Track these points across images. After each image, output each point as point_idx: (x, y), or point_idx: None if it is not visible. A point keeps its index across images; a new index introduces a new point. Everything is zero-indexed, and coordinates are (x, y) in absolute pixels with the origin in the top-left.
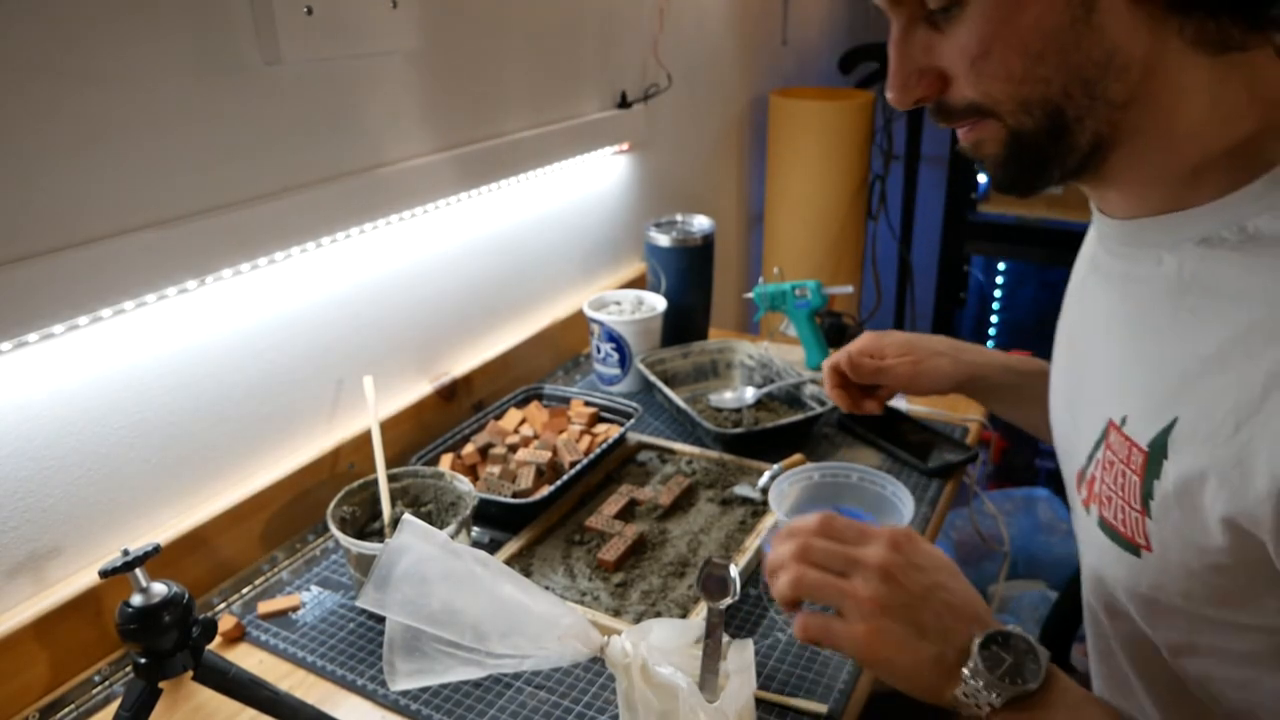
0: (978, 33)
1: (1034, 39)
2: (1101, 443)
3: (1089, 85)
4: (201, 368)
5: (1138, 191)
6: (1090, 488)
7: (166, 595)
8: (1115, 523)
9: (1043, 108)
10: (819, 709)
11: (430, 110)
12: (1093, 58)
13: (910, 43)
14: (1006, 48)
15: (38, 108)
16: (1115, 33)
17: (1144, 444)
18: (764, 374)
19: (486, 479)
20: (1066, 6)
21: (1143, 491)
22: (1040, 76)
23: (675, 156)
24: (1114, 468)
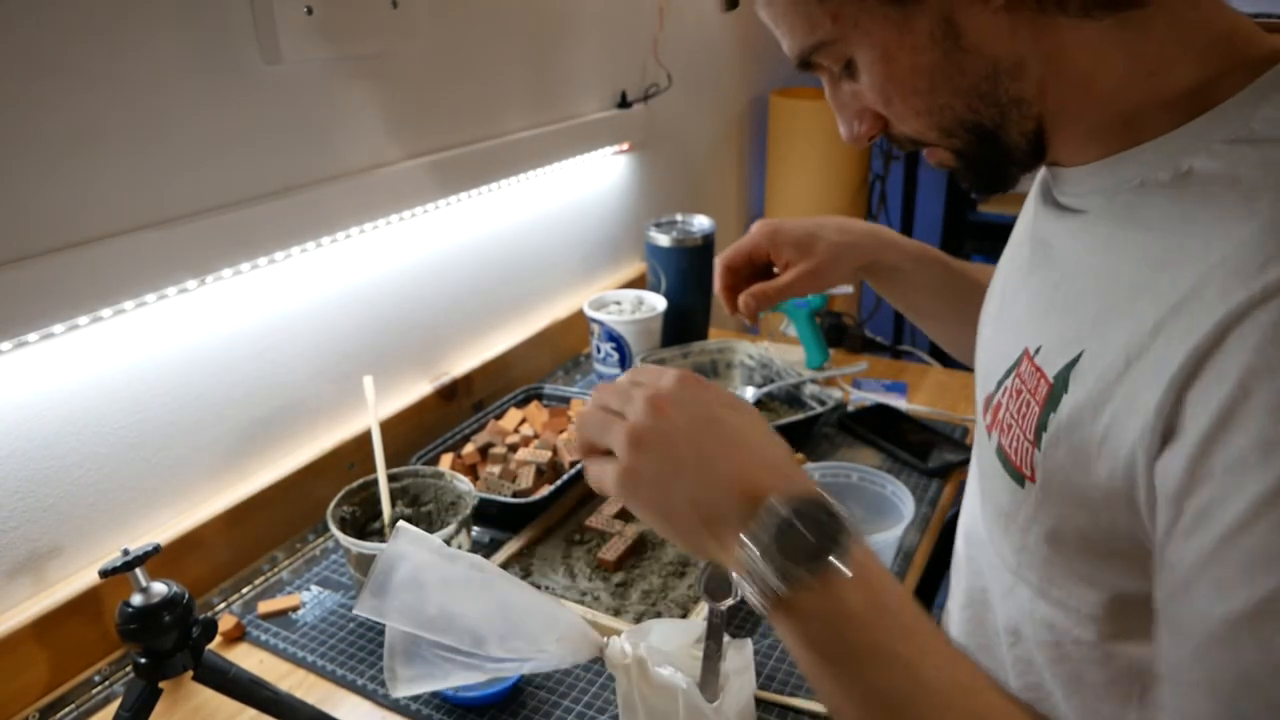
0: (874, 86)
1: (917, 80)
2: (1014, 370)
3: (988, 96)
4: (201, 368)
5: (1077, 145)
6: (995, 413)
7: (166, 595)
8: (1009, 451)
9: (961, 128)
10: (818, 709)
11: (430, 110)
12: (980, 73)
13: (839, 93)
14: (900, 93)
15: (38, 108)
16: (992, 45)
17: (1050, 375)
18: (764, 374)
19: (486, 479)
20: (932, 44)
21: (1038, 422)
22: (941, 105)
23: (675, 156)
24: (1020, 396)
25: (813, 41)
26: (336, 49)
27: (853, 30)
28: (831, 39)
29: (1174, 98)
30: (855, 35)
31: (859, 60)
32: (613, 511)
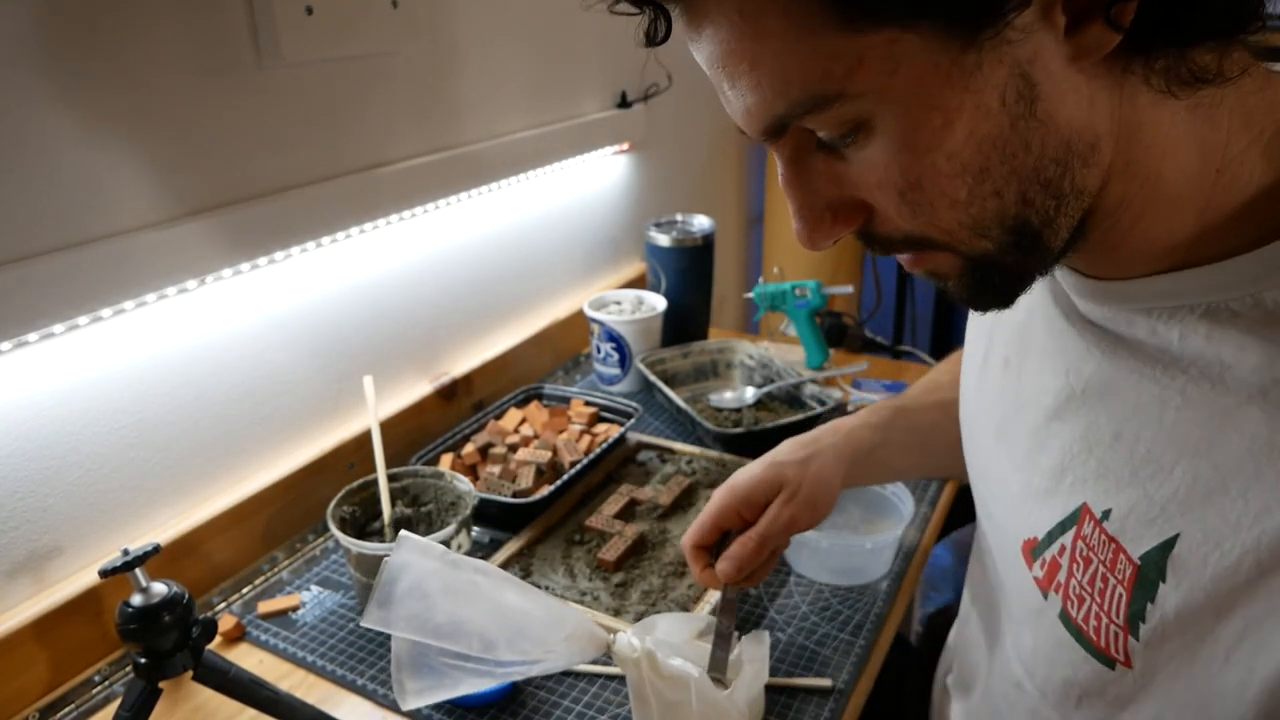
0: (899, 163)
1: (971, 156)
2: (1072, 528)
3: (1051, 184)
4: (201, 368)
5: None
6: (1051, 573)
7: (166, 595)
8: (1085, 626)
9: (1000, 225)
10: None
11: (430, 110)
12: (1049, 155)
13: (809, 175)
14: (938, 174)
15: (38, 108)
16: (1070, 115)
17: (1135, 555)
18: (764, 374)
19: (486, 479)
20: (1002, 108)
21: (1129, 609)
22: (989, 192)
23: (675, 156)
24: (1091, 567)
25: (817, 94)
26: (336, 49)
27: (890, 80)
28: (852, 91)
29: (1243, 204)
30: (892, 87)
31: (882, 126)
32: (613, 512)
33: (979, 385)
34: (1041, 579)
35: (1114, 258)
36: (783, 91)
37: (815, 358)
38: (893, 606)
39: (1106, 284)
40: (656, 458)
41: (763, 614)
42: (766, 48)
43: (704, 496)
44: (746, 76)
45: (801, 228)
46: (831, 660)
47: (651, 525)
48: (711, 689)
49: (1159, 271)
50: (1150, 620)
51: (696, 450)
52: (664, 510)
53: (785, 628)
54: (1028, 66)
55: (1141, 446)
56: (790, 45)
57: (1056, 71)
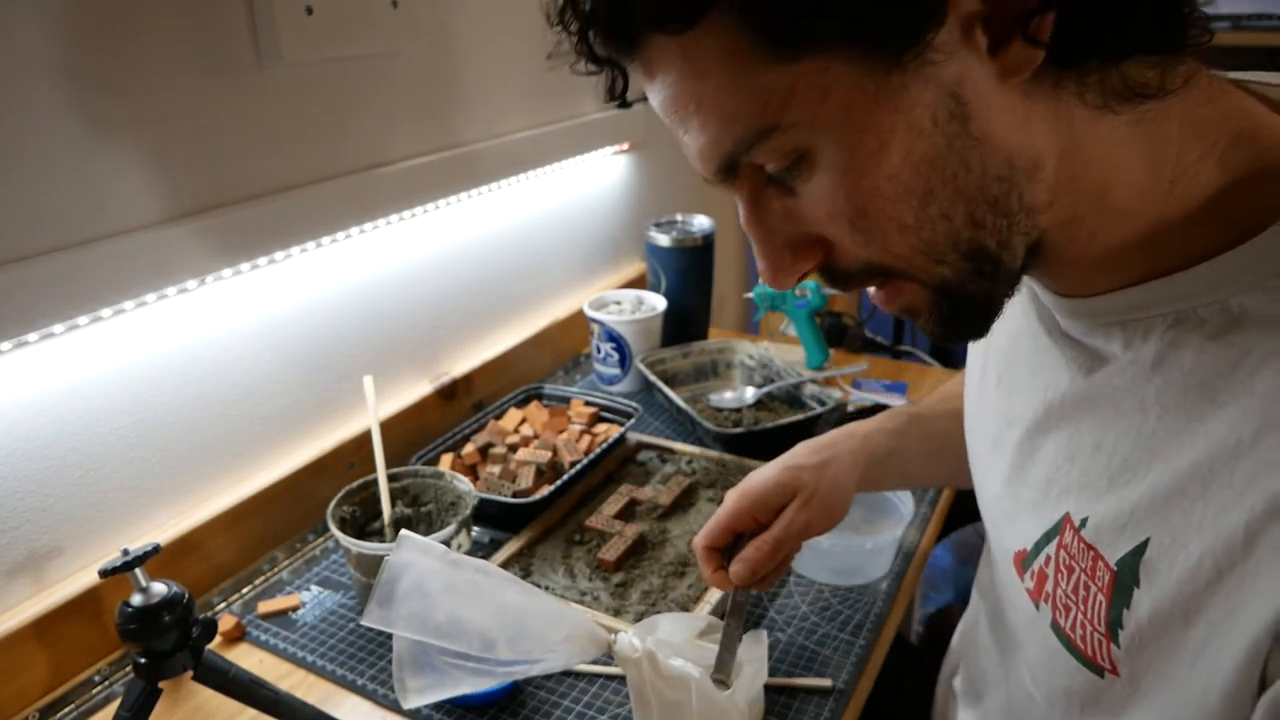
0: (843, 191)
1: (911, 177)
2: (1055, 538)
3: (999, 202)
4: (201, 368)
5: (1087, 271)
6: (1040, 583)
7: (166, 595)
8: (1073, 636)
9: (955, 250)
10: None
11: (430, 110)
12: (991, 172)
13: (766, 214)
14: (881, 198)
15: (38, 108)
16: (1006, 133)
17: (1112, 561)
18: (764, 374)
19: (486, 479)
20: (935, 127)
21: (1109, 616)
22: (936, 215)
23: (675, 156)
24: (1074, 575)
25: (757, 126)
26: (336, 49)
27: (822, 108)
28: (789, 122)
29: (1197, 210)
30: (825, 115)
31: (822, 154)
32: (613, 512)
33: (977, 402)
34: (1032, 590)
35: (1078, 274)
36: (727, 128)
37: (815, 358)
38: (893, 606)
39: (1078, 301)
40: (656, 458)
41: (762, 614)
42: (709, 86)
43: (704, 496)
44: (695, 117)
45: (765, 266)
46: (831, 660)
47: (651, 525)
48: (712, 689)
49: (1126, 285)
50: (1128, 626)
51: (696, 450)
52: (664, 510)
53: (785, 628)
54: (956, 86)
55: (1119, 455)
56: (729, 83)
57: (986, 90)
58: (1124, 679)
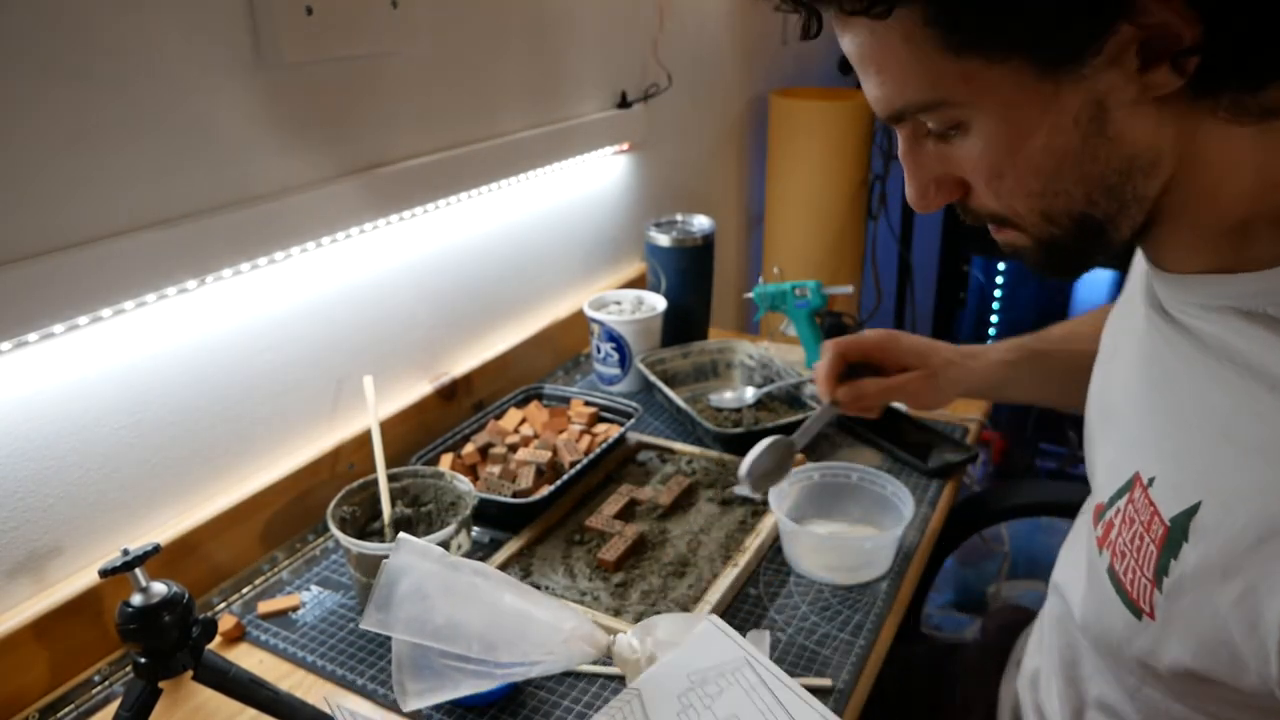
0: (986, 157)
1: (1045, 160)
2: (1126, 493)
3: (1114, 190)
4: (201, 368)
5: (1182, 251)
6: (1106, 532)
7: (166, 595)
8: (1124, 579)
9: (1069, 217)
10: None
11: (430, 110)
12: (1113, 166)
13: (921, 153)
14: (1017, 170)
15: (38, 108)
16: (1136, 136)
17: (1167, 518)
18: (764, 374)
19: (486, 479)
20: (1075, 127)
21: (1158, 565)
22: (1059, 190)
23: (675, 156)
24: (1133, 526)
25: (927, 99)
26: (336, 49)
27: (985, 96)
28: (954, 100)
29: None
30: (986, 101)
31: (977, 127)
32: (613, 512)
33: (1098, 374)
34: (1100, 537)
35: (1172, 252)
36: (900, 92)
37: (815, 358)
38: (892, 606)
39: (1169, 276)
40: (656, 458)
41: (762, 614)
42: (891, 59)
43: (704, 496)
44: (875, 75)
45: (912, 193)
46: (832, 660)
47: (651, 525)
48: None
49: (1211, 270)
50: (1172, 575)
51: (696, 450)
52: (664, 510)
53: (785, 628)
54: (1102, 95)
55: (1189, 422)
56: (908, 61)
57: (1127, 100)
58: (1159, 621)
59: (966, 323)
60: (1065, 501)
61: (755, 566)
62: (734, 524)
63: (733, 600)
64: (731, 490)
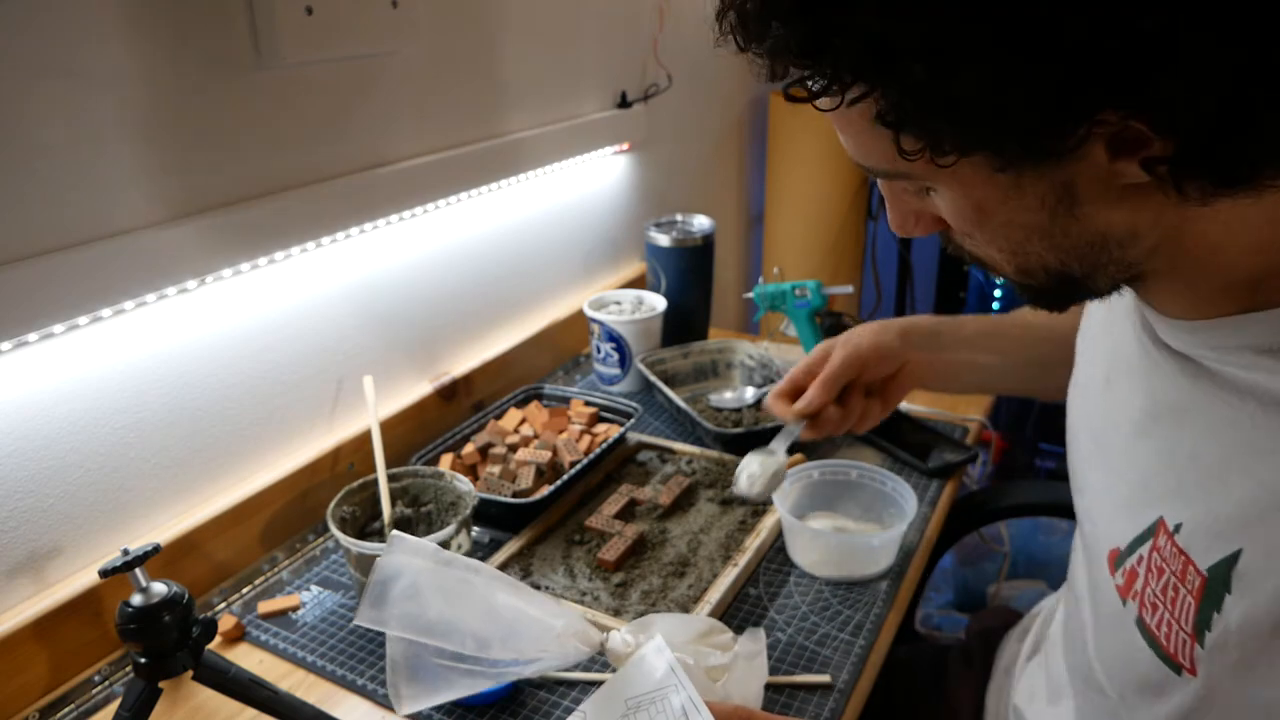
0: (954, 220)
1: (1014, 233)
2: (1149, 540)
3: (1088, 257)
4: (201, 368)
5: (1188, 304)
6: (1130, 581)
7: (166, 595)
8: (1157, 633)
9: (1045, 271)
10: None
11: (430, 110)
12: (1086, 240)
13: (899, 193)
14: (988, 234)
15: (37, 107)
16: (1109, 217)
17: (1203, 567)
18: (764, 374)
19: (486, 479)
20: (1041, 207)
21: (1197, 619)
22: (1030, 253)
23: (675, 156)
24: (1164, 576)
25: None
26: (336, 49)
27: (944, 179)
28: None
29: None
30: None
31: (942, 196)
32: (613, 512)
33: (1084, 398)
34: (1121, 586)
35: (1177, 305)
36: (866, 159)
37: None
38: (892, 606)
39: (1176, 322)
40: (656, 458)
41: (762, 613)
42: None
43: (704, 496)
44: (842, 135)
45: (893, 221)
46: (831, 660)
47: (651, 525)
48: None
49: (1223, 315)
50: (1215, 629)
51: (696, 450)
52: (664, 510)
53: (785, 628)
54: (1069, 180)
55: (1214, 465)
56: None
57: (1095, 182)
58: (1200, 678)
59: None
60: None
61: (755, 566)
62: (734, 524)
63: (733, 600)
64: (731, 490)
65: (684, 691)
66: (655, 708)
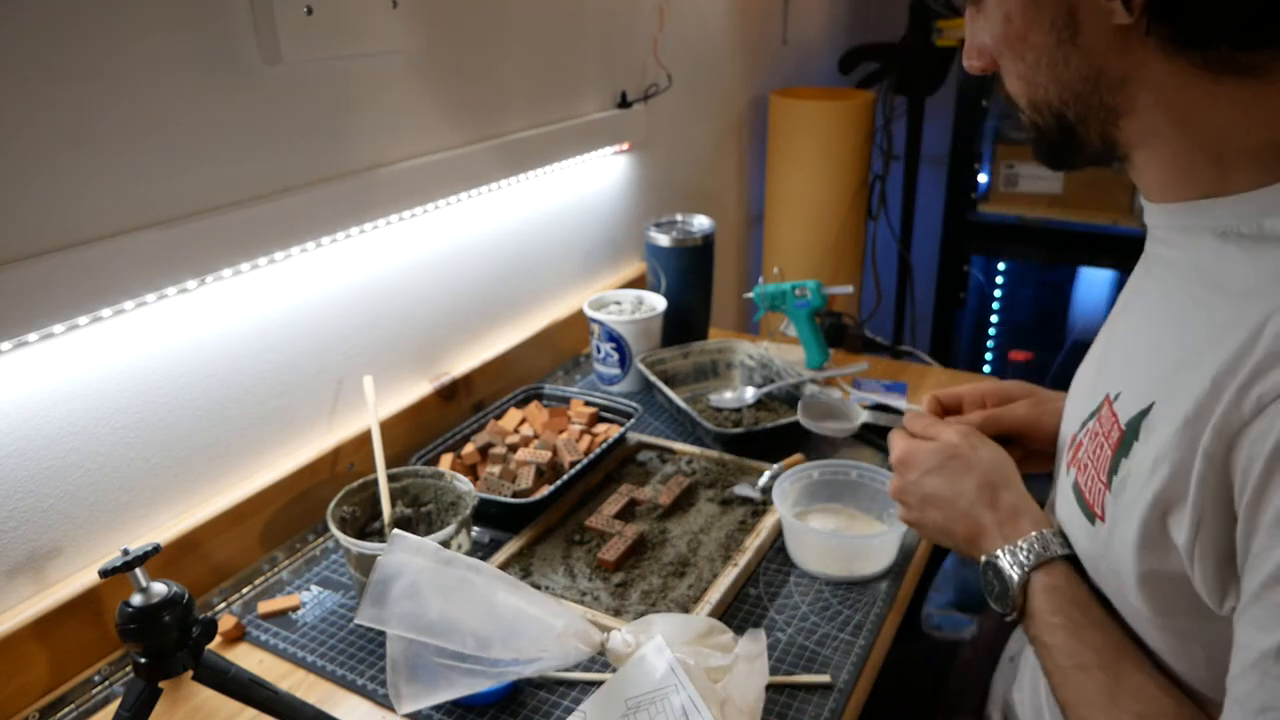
0: (992, 36)
1: (1027, 52)
2: (1096, 414)
3: (1081, 97)
4: (201, 368)
5: (1163, 179)
6: (1075, 452)
7: (166, 595)
8: (1084, 489)
9: (1048, 108)
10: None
11: (430, 110)
12: (1082, 74)
13: (973, 20)
14: (1008, 57)
15: (37, 107)
16: (1103, 53)
17: (1123, 422)
18: (764, 374)
19: (486, 479)
20: (1051, 28)
21: (1110, 466)
22: (1039, 83)
23: (675, 156)
24: (1096, 438)
25: None
26: (336, 49)
27: None
28: None
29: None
30: None
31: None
32: (613, 512)
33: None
34: (1069, 459)
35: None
36: None
37: (815, 358)
38: (892, 606)
39: (1157, 207)
40: (656, 458)
41: (762, 613)
42: None
43: (704, 496)
44: None
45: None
46: (832, 660)
47: (651, 525)
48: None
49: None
50: (1119, 473)
51: (696, 450)
52: (664, 510)
53: (785, 628)
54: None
55: (1158, 342)
56: None
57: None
58: (1107, 524)
59: (966, 323)
60: None
61: (755, 566)
62: (734, 524)
63: (733, 600)
64: (732, 490)
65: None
66: (655, 708)
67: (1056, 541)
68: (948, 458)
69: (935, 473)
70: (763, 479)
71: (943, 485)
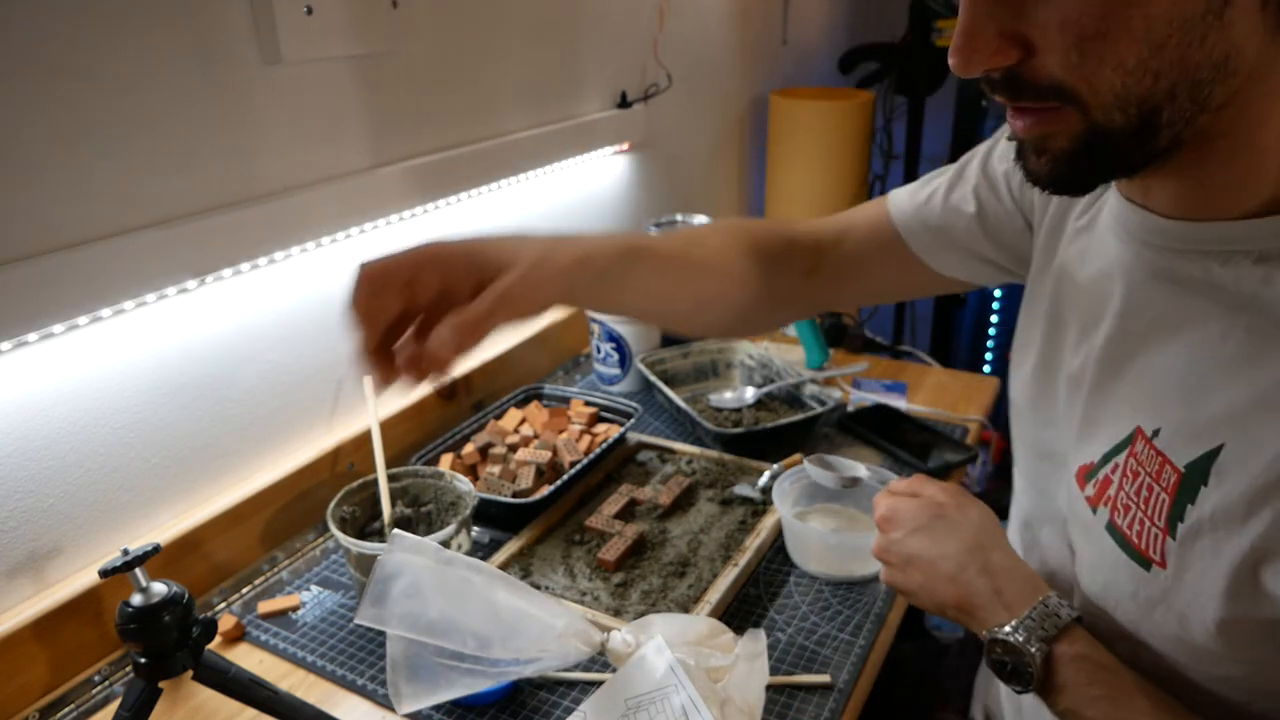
0: (1095, 8)
1: (1160, 27)
2: (1125, 449)
3: (1197, 87)
4: (201, 367)
5: (1196, 192)
6: (1101, 490)
7: (166, 595)
8: (1128, 532)
9: (1140, 105)
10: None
11: (431, 110)
12: (1212, 57)
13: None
14: (1126, 32)
15: (37, 107)
16: (1239, 33)
17: (1180, 464)
18: (764, 374)
19: (486, 479)
20: None
21: (1170, 512)
22: (1153, 70)
23: (675, 156)
24: (1139, 479)
25: None
26: (336, 49)
27: None
28: None
29: None
30: None
31: None
32: (613, 512)
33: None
34: (1092, 497)
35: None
36: None
37: (815, 358)
38: (892, 606)
39: (1173, 223)
40: (656, 458)
41: (763, 613)
42: None
43: (704, 496)
44: None
45: (958, 48)
46: (831, 660)
47: (651, 525)
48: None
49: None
50: (1188, 520)
51: (696, 450)
52: (664, 510)
53: (785, 628)
54: None
55: (1195, 374)
56: None
57: None
58: (1170, 570)
59: (966, 323)
60: None
61: (755, 566)
62: (734, 524)
63: (733, 600)
64: (732, 490)
65: (684, 691)
66: (655, 708)
67: (1065, 607)
68: (933, 517)
69: (920, 533)
70: (763, 479)
71: (928, 546)
